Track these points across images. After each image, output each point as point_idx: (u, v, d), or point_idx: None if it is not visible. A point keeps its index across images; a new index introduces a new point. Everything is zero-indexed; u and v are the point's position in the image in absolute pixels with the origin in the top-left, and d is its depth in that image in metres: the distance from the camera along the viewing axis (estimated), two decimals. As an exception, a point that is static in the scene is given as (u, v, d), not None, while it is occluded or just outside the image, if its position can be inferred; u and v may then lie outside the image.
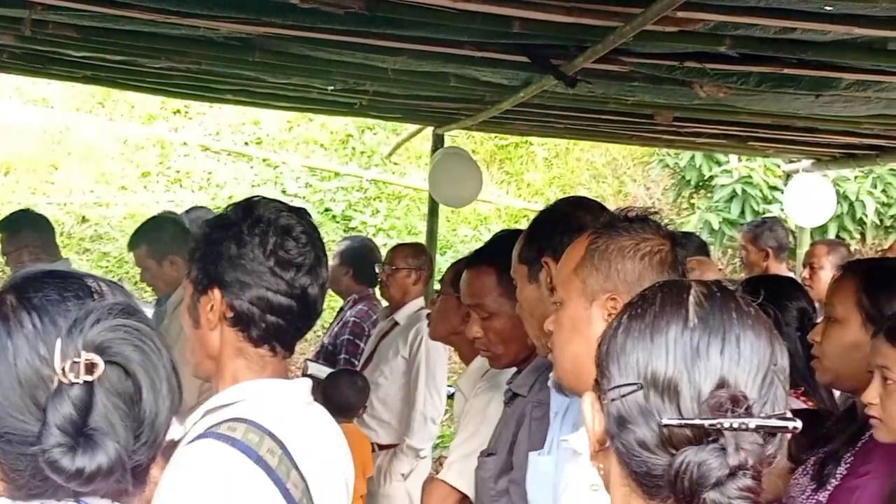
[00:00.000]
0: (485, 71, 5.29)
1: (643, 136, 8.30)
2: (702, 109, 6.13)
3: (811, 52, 4.39)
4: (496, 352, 3.80)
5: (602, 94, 5.61)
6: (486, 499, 3.43)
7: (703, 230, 12.95)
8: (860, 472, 3.18)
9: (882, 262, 4.47)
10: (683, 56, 4.59)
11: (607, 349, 1.70)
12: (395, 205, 14.23)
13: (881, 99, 5.28)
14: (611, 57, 4.54)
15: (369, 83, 6.12)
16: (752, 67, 4.71)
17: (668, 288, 1.72)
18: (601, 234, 2.68)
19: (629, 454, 1.62)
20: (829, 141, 7.65)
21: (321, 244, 2.67)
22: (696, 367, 1.61)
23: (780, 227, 8.57)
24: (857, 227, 13.02)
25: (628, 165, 15.09)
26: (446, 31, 4.49)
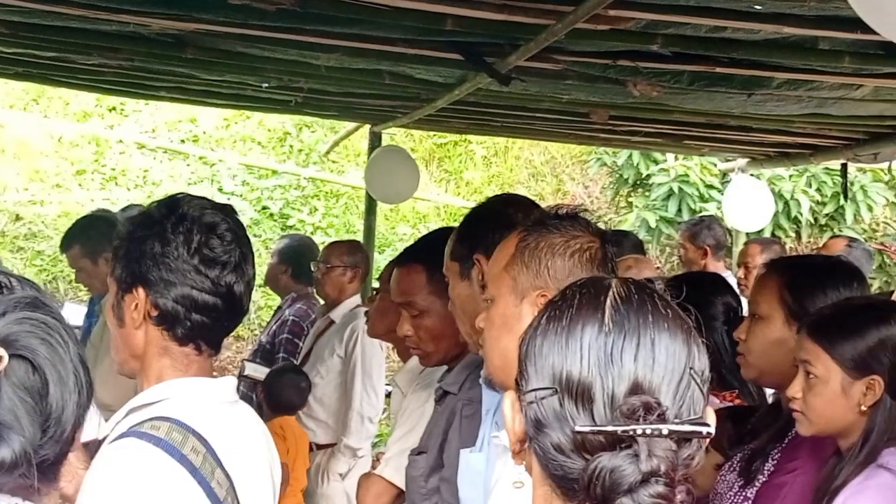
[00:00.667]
0: (419, 68, 5.28)
1: (580, 134, 8.32)
2: (637, 108, 6.14)
3: (742, 51, 4.42)
4: (427, 350, 3.80)
5: (537, 92, 5.62)
6: (416, 497, 3.42)
7: (640, 228, 13.00)
8: (787, 468, 3.21)
9: (805, 260, 4.53)
10: (617, 54, 4.60)
11: (526, 350, 1.68)
12: (333, 203, 14.18)
13: (813, 98, 5.32)
14: (544, 55, 4.54)
15: (304, 80, 6.09)
16: (684, 66, 4.73)
17: (586, 288, 1.71)
18: (531, 232, 2.69)
19: (546, 457, 1.62)
20: (763, 140, 7.71)
21: (247, 241, 2.66)
22: (610, 373, 1.60)
23: (718, 225, 8.63)
24: (792, 226, 13.13)
25: (567, 164, 15.13)
26: (379, 28, 4.47)
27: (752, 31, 4.14)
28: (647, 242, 12.98)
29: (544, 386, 1.62)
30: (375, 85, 6.02)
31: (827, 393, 2.97)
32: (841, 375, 2.95)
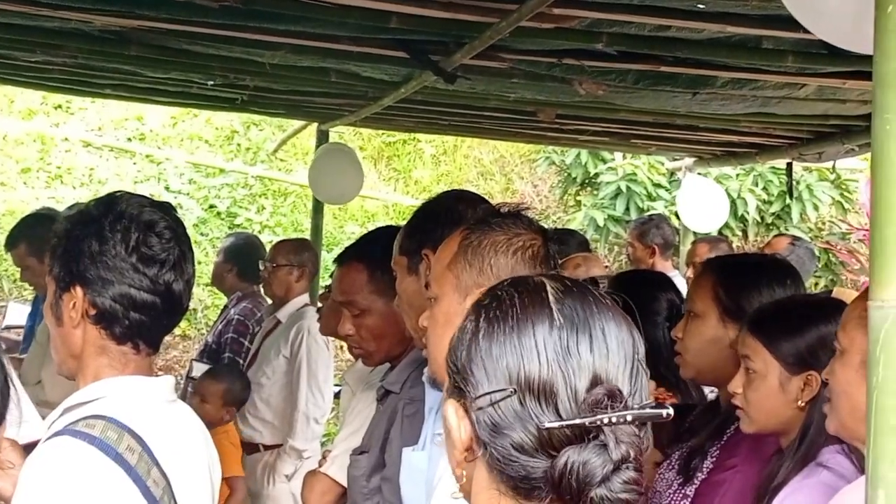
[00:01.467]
0: (365, 66, 5.26)
1: (527, 133, 8.33)
2: (583, 107, 6.16)
3: (686, 50, 4.44)
4: (368, 349, 3.78)
5: (483, 91, 5.62)
6: (358, 497, 3.41)
7: (588, 227, 13.04)
8: (726, 466, 3.23)
9: (739, 259, 4.58)
10: (562, 53, 4.61)
11: (468, 355, 1.66)
12: (280, 201, 14.12)
13: (757, 97, 5.35)
14: (490, 53, 4.54)
15: (249, 78, 6.05)
16: (629, 65, 4.75)
17: (521, 287, 1.70)
18: (474, 230, 2.69)
19: (506, 460, 1.60)
20: (709, 139, 7.75)
21: (186, 239, 2.63)
22: (570, 367, 1.60)
23: (667, 224, 8.67)
24: (739, 225, 13.21)
25: (516, 163, 15.14)
26: (324, 25, 4.46)
27: (696, 31, 4.16)
28: (595, 241, 13.03)
29: (500, 388, 1.60)
30: (321, 83, 5.99)
31: (765, 388, 2.99)
32: (779, 371, 2.97)
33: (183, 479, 2.47)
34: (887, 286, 1.62)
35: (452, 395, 1.68)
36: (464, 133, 10.44)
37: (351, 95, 6.59)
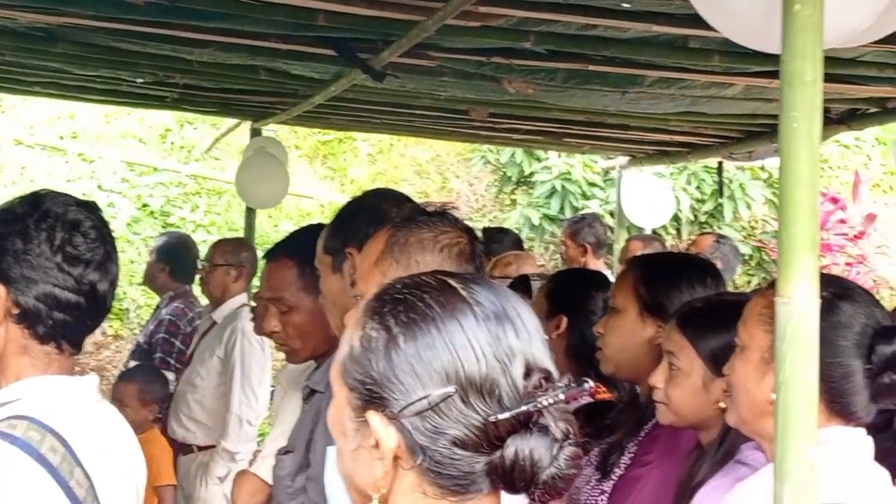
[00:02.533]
0: (294, 64, 5.24)
1: (460, 131, 8.34)
2: (515, 105, 6.18)
3: (614, 49, 4.46)
4: (294, 346, 3.76)
5: (414, 89, 5.62)
6: (283, 497, 3.39)
7: (523, 226, 13.08)
8: (643, 462, 3.25)
9: (661, 257, 4.62)
10: (490, 52, 4.62)
11: (388, 363, 1.61)
12: (215, 200, 14.02)
13: (686, 96, 5.39)
14: (418, 52, 4.55)
15: (179, 76, 6.01)
16: (558, 64, 4.77)
17: (424, 286, 1.68)
18: (401, 228, 2.71)
19: (448, 460, 1.59)
20: (641, 138, 7.81)
21: (111, 239, 2.61)
22: (504, 356, 1.60)
23: (599, 223, 8.71)
24: (672, 223, 13.28)
25: (452, 162, 15.13)
26: (251, 23, 4.44)
27: (623, 30, 4.19)
28: (530, 240, 13.07)
29: (438, 389, 1.58)
30: (251, 81, 5.97)
31: (688, 386, 3.01)
32: (703, 370, 2.99)
33: (107, 480, 2.45)
34: (793, 283, 1.65)
35: (369, 406, 1.62)
36: (397, 132, 10.44)
37: (282, 93, 6.57)
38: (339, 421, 1.68)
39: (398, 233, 2.69)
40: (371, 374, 1.63)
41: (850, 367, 2.40)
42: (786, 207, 1.63)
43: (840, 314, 2.42)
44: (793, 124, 1.62)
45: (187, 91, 6.60)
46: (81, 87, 6.97)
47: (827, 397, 2.39)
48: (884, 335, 2.43)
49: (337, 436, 1.70)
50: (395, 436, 1.60)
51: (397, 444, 1.60)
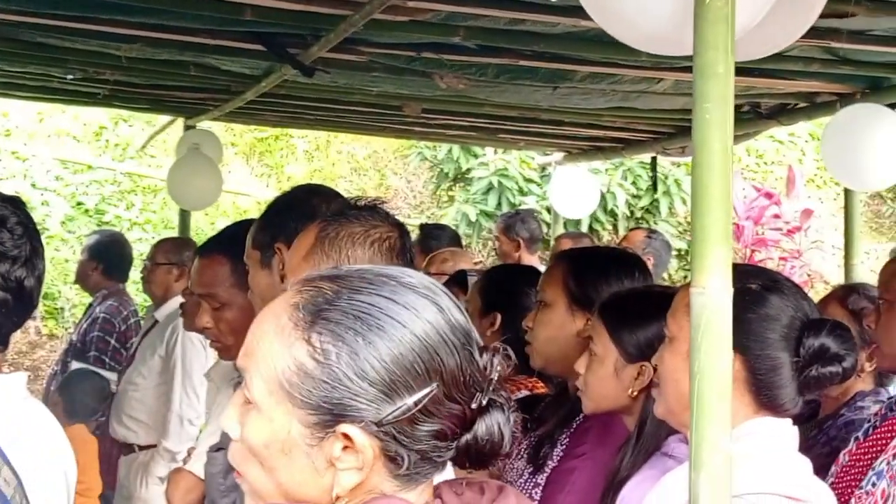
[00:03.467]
0: (223, 60, 5.20)
1: (395, 127, 8.32)
2: (448, 101, 6.17)
3: (543, 44, 4.47)
4: (226, 343, 3.73)
5: (345, 84, 5.59)
6: (216, 494, 3.37)
7: (461, 222, 13.09)
8: (576, 453, 3.25)
9: (590, 251, 4.64)
10: (421, 47, 4.61)
11: (359, 375, 1.55)
12: (150, 198, 13.91)
13: (616, 91, 5.41)
14: (348, 47, 4.53)
15: (109, 72, 5.95)
16: (488, 59, 4.77)
17: (356, 284, 1.62)
18: (331, 222, 2.72)
19: (427, 455, 1.58)
20: (576, 134, 7.82)
21: (37, 235, 2.57)
22: (462, 338, 1.60)
23: (533, 218, 8.73)
24: (609, 219, 13.35)
25: (389, 158, 15.12)
26: (179, 18, 4.40)
27: (552, 24, 4.19)
28: (467, 236, 13.08)
29: (418, 390, 1.55)
30: (182, 77, 5.92)
31: (601, 372, 3.04)
32: (616, 357, 3.02)
33: (35, 478, 2.42)
34: (708, 273, 1.65)
35: (340, 421, 1.55)
36: (332, 128, 10.40)
37: (213, 90, 6.52)
38: (276, 441, 1.59)
39: (328, 227, 2.69)
40: (338, 389, 1.56)
41: (779, 360, 2.42)
42: (699, 198, 1.63)
43: (769, 307, 2.43)
44: (705, 115, 1.63)
45: (118, 87, 6.53)
46: (11, 83, 6.89)
47: (755, 389, 2.41)
48: (812, 328, 2.44)
49: (272, 456, 1.60)
50: (373, 444, 1.56)
51: (377, 451, 1.56)
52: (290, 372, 1.57)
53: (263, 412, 1.60)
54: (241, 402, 1.65)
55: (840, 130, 5.13)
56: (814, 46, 4.51)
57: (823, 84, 5.27)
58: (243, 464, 1.64)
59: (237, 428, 1.64)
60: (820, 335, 2.43)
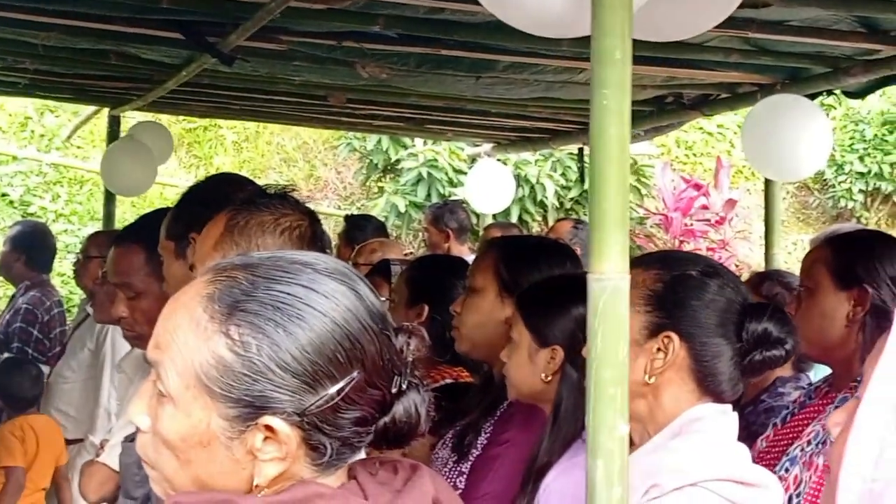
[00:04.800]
0: (143, 48, 5.15)
1: (321, 118, 8.28)
2: (373, 91, 6.14)
3: (465, 33, 4.47)
4: (142, 332, 3.70)
5: (267, 74, 5.55)
6: (130, 485, 3.34)
7: (390, 213, 13.07)
8: (500, 441, 3.26)
9: (521, 240, 4.66)
10: (343, 36, 4.58)
11: (273, 366, 1.53)
12: (76, 189, 13.77)
13: (540, 82, 5.41)
14: (268, 35, 4.50)
15: (29, 61, 5.86)
16: (410, 48, 4.76)
17: (270, 272, 1.59)
18: (241, 210, 2.71)
19: (347, 441, 1.57)
20: (503, 124, 7.82)
21: None
22: (380, 324, 1.59)
23: (462, 209, 8.73)
24: (538, 210, 13.37)
25: (319, 149, 15.06)
26: (96, 5, 4.36)
27: (471, 14, 4.18)
28: (397, 227, 13.07)
29: (340, 378, 1.54)
30: (103, 66, 5.86)
31: (518, 357, 3.06)
32: (529, 341, 3.04)
33: None
34: (605, 260, 1.66)
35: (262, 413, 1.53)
36: (258, 118, 10.35)
37: (136, 79, 6.45)
38: (194, 435, 1.56)
39: (238, 215, 2.68)
40: (259, 381, 1.54)
41: (722, 346, 2.42)
42: (596, 185, 1.64)
43: (710, 292, 2.44)
44: (603, 102, 1.63)
45: (39, 77, 6.44)
46: (-71, 72, 6.78)
47: (699, 376, 2.41)
48: (753, 312, 2.45)
49: (189, 449, 1.57)
50: (297, 434, 1.55)
51: (296, 444, 1.55)
52: (208, 366, 1.54)
53: (180, 406, 1.57)
54: (150, 394, 1.62)
55: (760, 121, 5.17)
56: (733, 37, 4.54)
57: (744, 75, 5.31)
58: (154, 455, 1.62)
59: (146, 420, 1.62)
60: (762, 320, 2.44)
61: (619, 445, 1.61)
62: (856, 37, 4.43)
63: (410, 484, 1.64)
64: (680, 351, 2.39)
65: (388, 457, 1.70)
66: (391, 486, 1.64)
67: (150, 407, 1.61)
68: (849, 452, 1.43)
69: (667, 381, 2.41)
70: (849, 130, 14.58)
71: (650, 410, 2.42)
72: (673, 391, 2.41)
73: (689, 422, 2.39)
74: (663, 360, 2.39)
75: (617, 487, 1.60)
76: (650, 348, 2.39)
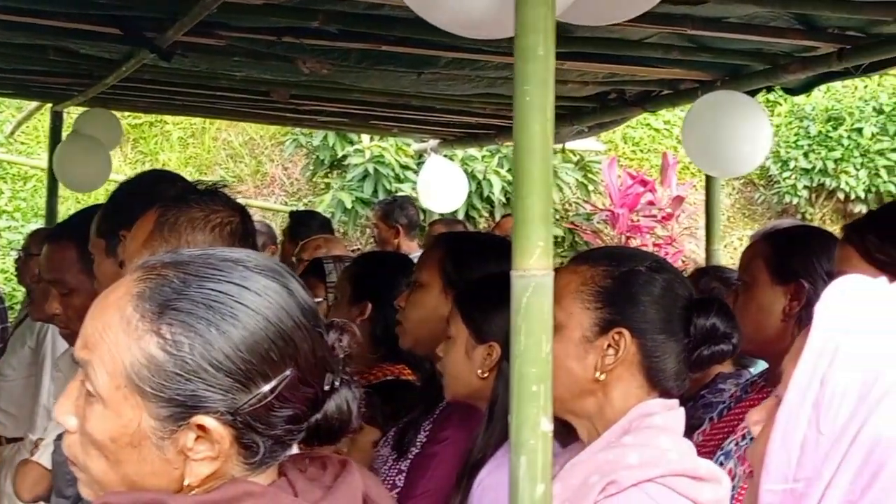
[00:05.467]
0: (82, 44, 5.10)
1: (267, 114, 8.25)
2: (317, 87, 6.12)
3: (403, 28, 4.45)
4: (76, 330, 3.66)
5: (208, 69, 5.52)
6: (62, 484, 3.32)
7: (336, 209, 13.03)
8: (438, 439, 3.25)
9: (467, 235, 4.65)
10: (283, 31, 4.56)
11: (214, 365, 1.52)
12: (20, 186, 13.65)
13: (482, 78, 5.41)
14: (207, 30, 4.47)
15: (-34, 57, 5.81)
16: (350, 44, 4.74)
17: (198, 270, 1.58)
18: (171, 207, 2.69)
19: (280, 439, 1.57)
20: (448, 120, 7.81)
21: None
22: (314, 321, 1.58)
23: (411, 205, 8.72)
24: (485, 206, 13.38)
25: (265, 145, 14.99)
26: (35, 0, 4.32)
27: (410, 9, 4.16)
28: (343, 223, 13.03)
29: (273, 376, 1.53)
30: (43, 61, 5.80)
31: (454, 353, 3.07)
32: (466, 337, 3.04)
33: None
34: (528, 256, 1.66)
35: (195, 412, 1.52)
36: (202, 114, 10.29)
37: (77, 74, 6.40)
38: (124, 435, 1.55)
39: (168, 212, 2.66)
40: (192, 381, 1.53)
41: (671, 341, 2.43)
42: (519, 180, 1.64)
43: (659, 288, 2.44)
44: (526, 98, 1.63)
45: (-22, 72, 6.39)
46: None
47: (648, 372, 2.42)
48: (700, 308, 2.46)
49: (119, 450, 1.56)
50: (230, 434, 1.54)
51: (229, 442, 1.54)
52: (139, 365, 1.53)
53: (109, 406, 1.55)
54: (77, 394, 1.61)
55: (700, 117, 5.19)
56: (672, 33, 4.56)
57: (685, 71, 5.33)
58: (83, 456, 1.60)
59: (73, 420, 1.60)
60: (710, 315, 2.45)
61: (542, 442, 1.61)
62: (793, 34, 4.46)
63: (340, 480, 1.63)
64: (631, 347, 2.39)
65: (317, 453, 1.69)
66: (321, 483, 1.63)
67: (77, 407, 1.59)
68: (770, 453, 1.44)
69: (616, 377, 2.41)
70: (794, 127, 14.69)
71: (599, 407, 2.42)
72: (622, 387, 2.42)
73: (638, 417, 2.39)
74: (614, 356, 2.39)
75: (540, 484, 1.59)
76: (601, 345, 2.39)
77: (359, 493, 1.64)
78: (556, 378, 2.54)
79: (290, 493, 1.59)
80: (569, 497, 2.24)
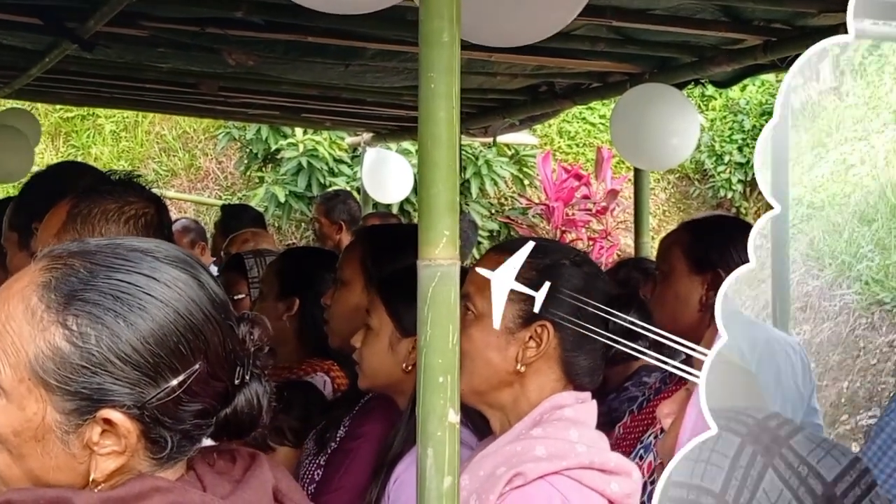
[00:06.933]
0: (3, 34, 5.01)
1: (197, 106, 8.16)
2: (245, 79, 6.06)
3: (329, 19, 4.40)
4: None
5: (132, 60, 5.45)
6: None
7: (270, 203, 12.95)
8: (356, 434, 3.24)
9: (388, 230, 4.63)
10: (206, 21, 4.51)
11: (120, 358, 1.49)
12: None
13: (410, 70, 5.37)
14: (129, 21, 4.41)
15: None
16: (276, 35, 4.69)
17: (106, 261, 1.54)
18: (83, 198, 2.65)
19: (189, 434, 1.54)
20: (379, 113, 7.78)
21: None
22: (224, 313, 1.56)
23: (353, 200, 8.69)
24: (420, 199, 13.37)
25: (199, 139, 14.89)
26: (-52, -11, 4.24)
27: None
28: (277, 218, 12.96)
29: (181, 369, 1.50)
30: (-38, 53, 5.71)
31: (376, 346, 3.02)
32: (391, 330, 3.01)
33: None
34: (434, 245, 1.64)
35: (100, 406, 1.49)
36: (131, 107, 10.20)
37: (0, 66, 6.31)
38: (28, 429, 1.51)
39: (80, 203, 2.63)
40: (98, 374, 1.50)
41: (587, 334, 2.41)
42: (425, 169, 1.62)
43: (581, 282, 2.44)
44: (430, 85, 1.61)
45: None
46: None
47: (566, 366, 2.42)
48: (620, 303, 2.45)
49: (22, 444, 1.52)
50: (137, 428, 1.51)
51: (136, 437, 1.51)
52: (44, 357, 1.50)
53: (13, 400, 1.51)
54: None
55: (627, 110, 5.20)
56: (599, 25, 4.55)
57: (613, 64, 5.33)
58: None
59: None
60: (630, 310, 2.44)
61: (449, 434, 1.59)
62: (718, 26, 4.46)
63: (250, 473, 1.61)
64: (553, 340, 2.38)
65: (226, 446, 1.67)
66: (230, 476, 1.61)
67: None
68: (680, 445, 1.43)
69: (535, 370, 2.40)
70: (728, 121, 14.78)
71: (514, 399, 2.41)
72: (539, 380, 2.41)
73: (549, 410, 2.38)
74: (536, 348, 2.38)
75: (448, 477, 1.57)
76: (523, 337, 2.38)
77: (269, 487, 1.62)
78: (476, 368, 2.53)
79: (198, 488, 1.57)
80: (476, 489, 2.23)
